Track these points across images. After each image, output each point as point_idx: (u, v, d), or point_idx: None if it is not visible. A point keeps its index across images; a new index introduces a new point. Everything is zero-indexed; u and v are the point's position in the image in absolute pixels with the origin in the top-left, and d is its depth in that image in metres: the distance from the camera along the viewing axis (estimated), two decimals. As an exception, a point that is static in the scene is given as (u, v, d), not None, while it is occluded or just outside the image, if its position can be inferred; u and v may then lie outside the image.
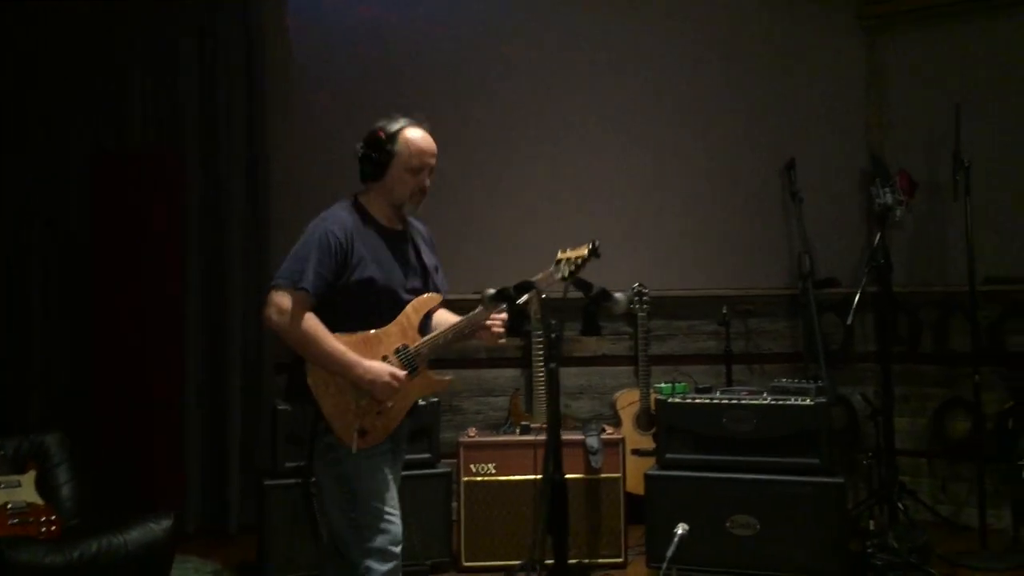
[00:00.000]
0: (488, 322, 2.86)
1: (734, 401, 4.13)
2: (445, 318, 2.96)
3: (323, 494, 2.84)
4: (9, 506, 3.50)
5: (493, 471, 4.31)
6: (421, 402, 4.22)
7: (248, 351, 5.06)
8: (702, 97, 5.40)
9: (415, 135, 2.88)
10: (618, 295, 2.43)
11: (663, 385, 4.88)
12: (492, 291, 2.61)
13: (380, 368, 2.76)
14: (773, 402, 4.08)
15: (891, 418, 4.90)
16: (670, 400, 4.25)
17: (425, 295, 2.91)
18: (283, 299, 2.71)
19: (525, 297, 2.61)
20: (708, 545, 3.93)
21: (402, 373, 2.78)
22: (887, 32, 5.35)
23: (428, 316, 2.93)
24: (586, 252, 2.65)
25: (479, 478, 4.31)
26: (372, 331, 2.80)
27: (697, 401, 4.19)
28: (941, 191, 4.99)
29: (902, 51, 5.31)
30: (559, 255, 2.68)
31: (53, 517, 3.54)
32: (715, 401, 4.16)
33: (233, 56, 5.13)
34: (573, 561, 4.07)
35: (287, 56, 5.26)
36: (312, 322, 2.72)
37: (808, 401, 4.03)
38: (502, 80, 5.34)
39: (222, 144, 5.13)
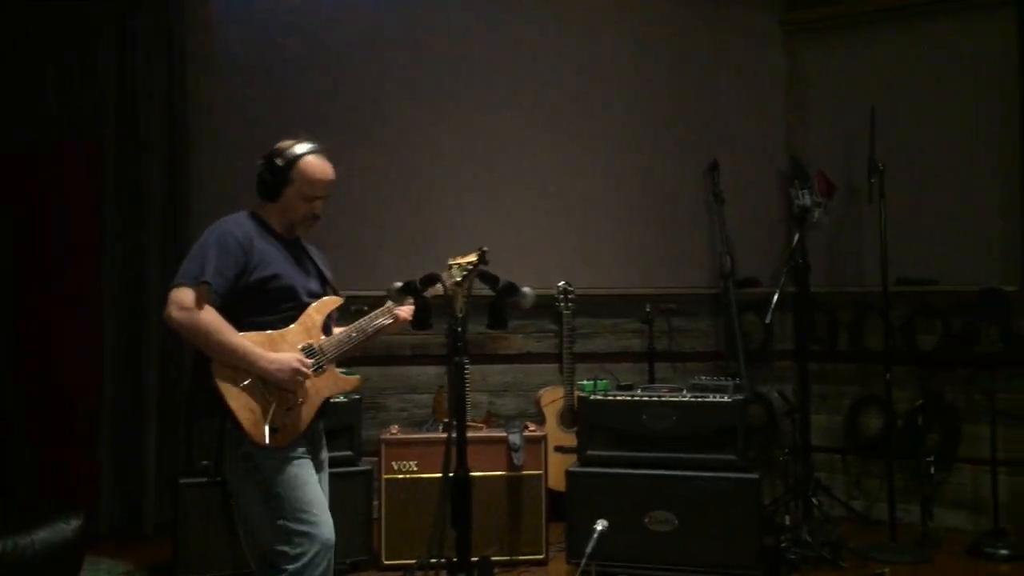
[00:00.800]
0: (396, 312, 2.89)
1: (654, 398, 4.17)
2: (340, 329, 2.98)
3: (244, 511, 2.77)
4: (-92, 506, 3.38)
5: (415, 468, 4.29)
6: (343, 399, 4.24)
7: (166, 347, 4.95)
8: (627, 98, 5.45)
9: (313, 164, 2.87)
10: (525, 289, 2.45)
11: (585, 382, 4.91)
12: (399, 284, 2.61)
13: (286, 358, 2.74)
14: (692, 399, 4.14)
15: (808, 415, 5.02)
16: (591, 397, 4.28)
17: (326, 297, 2.93)
18: (184, 295, 2.67)
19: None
20: (627, 541, 3.97)
21: (309, 361, 2.77)
22: (807, 37, 5.47)
23: (331, 319, 2.95)
24: (475, 258, 2.71)
25: (401, 476, 4.28)
26: (275, 331, 2.79)
27: (618, 398, 4.23)
28: (857, 193, 5.12)
29: (822, 56, 5.43)
30: (450, 261, 2.73)
31: (-45, 517, 3.42)
32: (635, 398, 4.20)
33: (154, 49, 4.99)
34: (475, 557, 4.06)
35: (210, 49, 5.16)
36: (214, 315, 2.69)
37: (726, 398, 4.10)
38: (424, 76, 5.31)
39: (142, 139, 4.99)
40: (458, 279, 2.64)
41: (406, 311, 2.97)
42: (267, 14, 5.22)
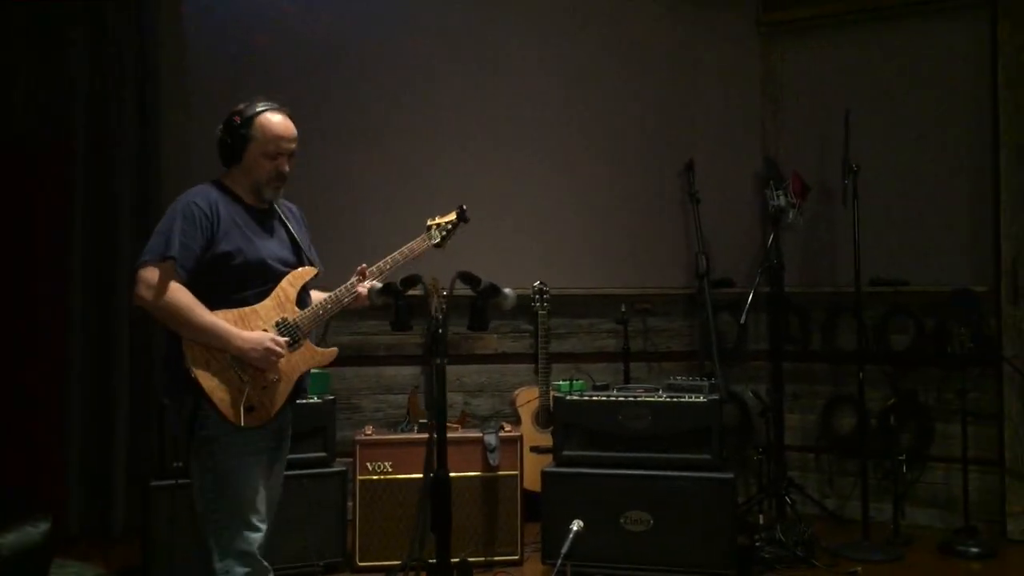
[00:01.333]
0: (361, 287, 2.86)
1: (629, 398, 4.18)
2: (319, 297, 2.92)
3: (196, 494, 2.75)
4: None
5: (389, 469, 4.26)
6: (316, 399, 4.21)
7: (136, 345, 4.88)
8: (604, 99, 5.44)
9: (272, 120, 2.81)
10: (507, 290, 2.45)
11: (561, 383, 4.91)
12: (379, 285, 2.59)
13: (259, 336, 2.69)
14: (667, 399, 4.14)
15: (781, 415, 5.05)
16: (567, 397, 4.28)
17: (300, 268, 2.87)
18: (151, 273, 2.63)
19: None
20: (602, 541, 3.97)
21: (283, 340, 2.73)
22: (783, 39, 5.48)
23: (305, 290, 2.88)
24: (455, 216, 2.69)
25: (375, 477, 4.25)
26: (248, 307, 2.74)
27: (593, 398, 4.23)
28: (831, 194, 5.15)
29: (797, 58, 5.45)
30: (429, 222, 2.69)
31: (-81, 521, 3.36)
32: (611, 398, 4.20)
33: (125, 43, 4.92)
34: (455, 559, 4.06)
35: (182, 43, 5.09)
36: (183, 293, 2.64)
37: (701, 398, 4.11)
38: (399, 72, 5.26)
39: (114, 138, 4.92)
40: (437, 240, 2.62)
41: (366, 287, 2.89)
42: (237, 7, 5.16)
